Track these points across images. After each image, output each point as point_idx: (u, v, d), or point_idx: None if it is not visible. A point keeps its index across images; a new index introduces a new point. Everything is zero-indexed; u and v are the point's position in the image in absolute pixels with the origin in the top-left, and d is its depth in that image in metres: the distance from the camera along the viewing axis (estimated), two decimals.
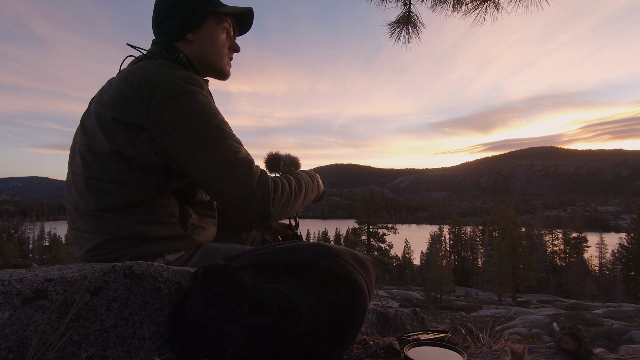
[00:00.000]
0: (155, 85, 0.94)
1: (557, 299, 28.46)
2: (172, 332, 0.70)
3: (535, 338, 9.58)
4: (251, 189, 0.94)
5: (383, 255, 36.16)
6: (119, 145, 0.95)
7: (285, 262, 0.69)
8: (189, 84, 0.96)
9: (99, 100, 1.01)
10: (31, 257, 49.84)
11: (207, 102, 0.98)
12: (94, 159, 0.98)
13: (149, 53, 1.08)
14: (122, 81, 0.98)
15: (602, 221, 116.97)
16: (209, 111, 0.96)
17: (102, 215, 0.98)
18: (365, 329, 1.09)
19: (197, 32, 1.11)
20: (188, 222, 1.11)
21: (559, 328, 0.84)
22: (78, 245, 1.03)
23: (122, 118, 0.94)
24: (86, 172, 0.99)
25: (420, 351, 0.70)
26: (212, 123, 0.95)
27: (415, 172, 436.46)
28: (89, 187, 0.98)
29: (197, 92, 0.97)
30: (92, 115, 1.00)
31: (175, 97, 0.93)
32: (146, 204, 1.00)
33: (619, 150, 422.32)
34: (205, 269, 0.72)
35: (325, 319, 0.63)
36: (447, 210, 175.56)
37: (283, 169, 1.34)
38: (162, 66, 1.01)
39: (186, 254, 1.08)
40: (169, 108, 0.93)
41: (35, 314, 0.64)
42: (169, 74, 0.96)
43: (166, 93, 0.93)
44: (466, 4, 2.74)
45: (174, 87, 0.94)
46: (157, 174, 1.00)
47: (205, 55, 1.13)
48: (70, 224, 1.06)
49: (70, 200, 1.04)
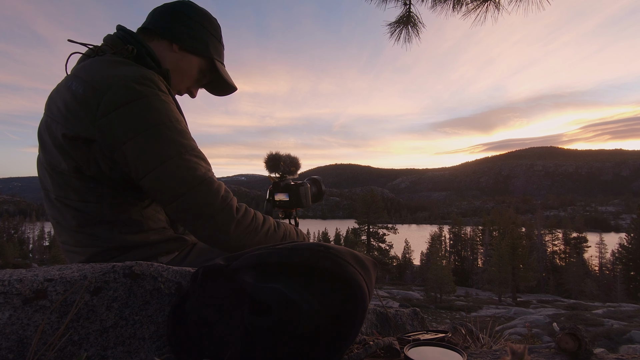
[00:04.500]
0: (101, 91, 0.83)
1: (557, 299, 28.46)
2: (172, 332, 0.70)
3: (535, 338, 9.58)
4: (208, 209, 0.86)
5: (383, 255, 36.16)
6: (76, 162, 0.87)
7: (285, 262, 0.69)
8: (142, 85, 0.85)
9: (49, 112, 0.93)
10: (31, 257, 49.84)
11: (163, 109, 0.86)
12: (59, 178, 0.92)
13: (96, 48, 0.98)
14: (66, 89, 0.89)
15: (602, 221, 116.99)
16: (164, 120, 0.85)
17: (85, 230, 0.94)
18: (365, 329, 1.09)
19: (186, 54, 1.07)
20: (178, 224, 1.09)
21: (559, 328, 0.83)
22: (69, 258, 1.00)
23: (70, 133, 0.85)
24: (56, 191, 0.94)
25: (420, 351, 0.70)
26: (167, 135, 0.85)
27: (415, 172, 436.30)
28: (63, 205, 0.94)
29: (151, 97, 0.85)
30: (45, 130, 0.93)
31: (125, 105, 0.82)
32: (125, 218, 0.95)
33: (619, 150, 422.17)
34: (205, 269, 0.72)
35: (325, 319, 0.63)
36: (447, 210, 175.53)
37: (283, 169, 1.34)
38: (111, 64, 0.90)
39: (180, 254, 1.07)
40: (118, 118, 0.82)
41: (35, 314, 0.64)
42: (118, 75, 0.86)
43: (114, 100, 0.82)
44: (466, 4, 2.74)
45: (124, 93, 0.83)
46: (124, 187, 0.93)
47: (172, 72, 1.06)
48: (57, 237, 1.02)
49: (51, 214, 0.99)
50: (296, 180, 1.37)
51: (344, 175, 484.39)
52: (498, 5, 2.64)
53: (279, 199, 1.32)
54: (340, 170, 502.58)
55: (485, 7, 2.68)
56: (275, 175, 1.35)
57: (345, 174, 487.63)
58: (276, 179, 1.35)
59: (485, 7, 2.68)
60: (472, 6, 2.72)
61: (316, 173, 1.60)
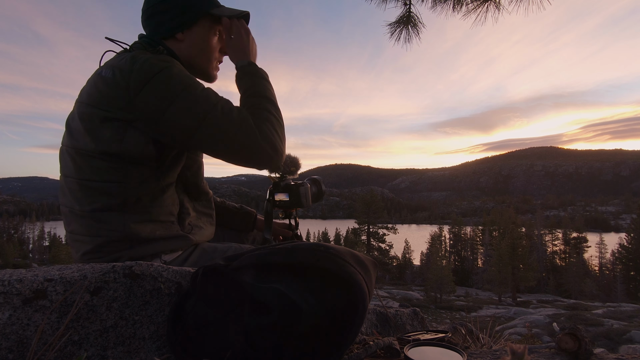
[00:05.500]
0: (127, 71, 0.91)
1: (557, 299, 28.45)
2: (172, 332, 0.70)
3: (535, 338, 9.58)
4: (257, 137, 0.96)
5: (383, 255, 36.16)
6: (104, 143, 0.93)
7: (285, 262, 0.69)
8: (161, 61, 0.94)
9: (80, 99, 1.00)
10: (31, 257, 49.80)
11: (183, 74, 0.95)
12: (83, 160, 0.96)
13: (130, 47, 1.05)
14: (97, 76, 0.96)
15: (602, 221, 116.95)
16: (189, 83, 0.94)
17: (97, 216, 0.97)
18: (365, 329, 1.09)
19: (188, 31, 1.08)
20: (185, 222, 1.10)
21: (559, 328, 0.84)
22: (75, 248, 1.02)
23: (104, 114, 0.92)
24: (78, 174, 0.97)
25: (420, 351, 0.70)
26: (197, 94, 0.93)
27: (415, 172, 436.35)
28: (83, 189, 0.97)
29: (170, 67, 0.94)
30: (75, 116, 0.99)
31: (151, 79, 0.90)
32: (144, 201, 0.99)
33: (619, 150, 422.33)
34: (205, 269, 0.72)
35: (325, 319, 0.63)
36: (447, 210, 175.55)
37: (283, 169, 1.34)
38: (136, 54, 0.97)
39: (183, 254, 1.08)
40: (150, 92, 0.90)
41: (35, 314, 0.64)
42: (139, 57, 0.94)
43: (140, 77, 0.90)
44: (466, 4, 2.74)
45: (146, 69, 0.91)
46: (149, 166, 0.98)
47: (193, 57, 1.10)
48: (66, 227, 1.05)
49: (65, 203, 1.03)
50: (296, 180, 1.37)
51: (344, 175, 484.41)
52: (498, 5, 2.64)
53: (279, 199, 1.32)
54: (340, 170, 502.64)
55: (486, 7, 2.68)
56: (275, 175, 1.35)
57: (345, 174, 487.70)
58: (276, 179, 1.35)
59: (486, 7, 2.68)
60: (473, 6, 2.71)
61: (316, 173, 1.60)
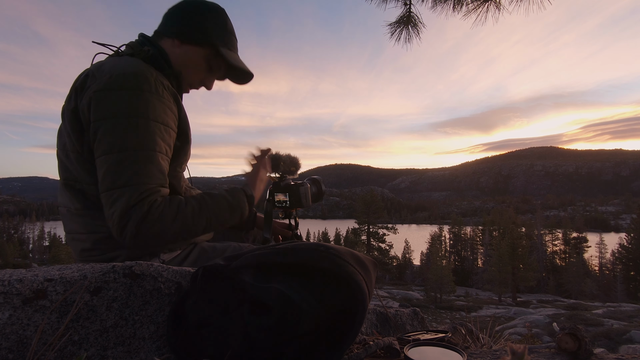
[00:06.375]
0: (99, 76, 0.91)
1: (557, 299, 28.45)
2: (172, 332, 0.70)
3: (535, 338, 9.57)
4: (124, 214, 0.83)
5: (383, 255, 36.13)
6: (87, 143, 0.92)
7: (285, 262, 0.69)
8: (137, 79, 0.90)
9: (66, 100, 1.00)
10: (31, 257, 49.81)
11: (149, 106, 0.89)
12: (70, 161, 0.97)
13: (119, 50, 1.06)
14: (79, 79, 0.97)
15: (602, 221, 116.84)
16: (143, 115, 0.88)
17: (91, 214, 0.97)
18: (365, 329, 1.09)
19: (187, 45, 1.08)
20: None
21: (559, 328, 0.84)
22: (73, 247, 1.03)
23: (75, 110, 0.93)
24: (66, 175, 0.99)
25: (420, 351, 0.70)
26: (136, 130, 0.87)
27: (415, 172, 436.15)
28: (72, 190, 0.98)
29: (141, 91, 0.90)
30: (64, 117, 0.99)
31: (112, 90, 0.88)
32: None
33: (619, 150, 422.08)
34: (205, 269, 0.72)
35: (325, 319, 0.63)
36: (447, 210, 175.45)
37: (283, 169, 1.34)
38: (119, 59, 0.97)
39: (182, 253, 1.08)
40: (102, 98, 0.88)
41: (35, 314, 0.64)
42: (117, 66, 0.92)
43: (105, 84, 0.89)
44: (467, 4, 2.74)
45: (116, 80, 0.89)
46: None
47: (180, 67, 1.09)
48: (65, 227, 1.06)
49: (63, 203, 1.04)
50: (296, 180, 1.37)
51: (344, 175, 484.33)
52: (499, 5, 2.64)
53: (279, 199, 1.32)
54: (340, 170, 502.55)
55: (486, 7, 2.68)
56: (275, 175, 1.35)
57: (345, 174, 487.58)
58: (276, 179, 1.35)
59: (486, 7, 2.68)
60: (473, 6, 2.71)
61: (316, 173, 1.60)
